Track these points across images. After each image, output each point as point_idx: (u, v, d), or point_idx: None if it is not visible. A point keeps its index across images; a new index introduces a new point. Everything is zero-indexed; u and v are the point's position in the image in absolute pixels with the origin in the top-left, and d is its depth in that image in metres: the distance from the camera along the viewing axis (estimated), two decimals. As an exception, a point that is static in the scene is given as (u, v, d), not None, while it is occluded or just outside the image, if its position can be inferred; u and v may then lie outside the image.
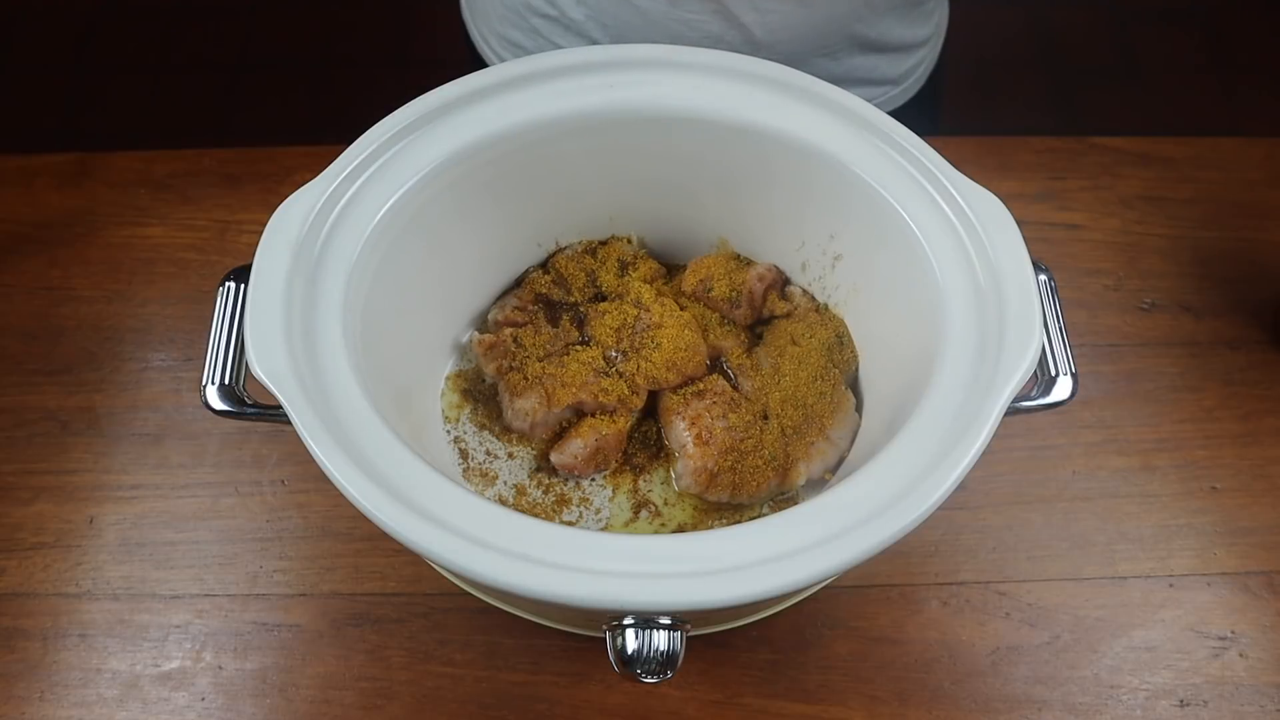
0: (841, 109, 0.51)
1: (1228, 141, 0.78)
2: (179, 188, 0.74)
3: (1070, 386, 0.48)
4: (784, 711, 0.55)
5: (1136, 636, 0.58)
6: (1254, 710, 0.55)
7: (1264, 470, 0.63)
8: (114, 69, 1.74)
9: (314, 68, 1.75)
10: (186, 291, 0.70)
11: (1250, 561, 0.60)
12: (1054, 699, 0.56)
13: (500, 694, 0.56)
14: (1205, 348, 0.68)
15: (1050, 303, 0.50)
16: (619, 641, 0.41)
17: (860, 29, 0.70)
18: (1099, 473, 0.63)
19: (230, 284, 0.49)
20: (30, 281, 0.70)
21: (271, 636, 0.57)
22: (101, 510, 0.61)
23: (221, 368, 0.47)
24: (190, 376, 0.66)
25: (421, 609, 0.58)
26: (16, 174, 0.75)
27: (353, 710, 0.55)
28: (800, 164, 0.53)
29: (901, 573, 0.59)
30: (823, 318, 0.58)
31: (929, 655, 0.57)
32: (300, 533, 0.60)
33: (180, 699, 0.55)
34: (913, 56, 0.76)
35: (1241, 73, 1.74)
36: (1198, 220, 0.74)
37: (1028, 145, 0.77)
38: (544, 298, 0.59)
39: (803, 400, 0.55)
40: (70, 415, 0.64)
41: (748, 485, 0.53)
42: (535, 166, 0.55)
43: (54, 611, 0.58)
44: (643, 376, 0.55)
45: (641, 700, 0.55)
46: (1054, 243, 0.73)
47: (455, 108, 0.50)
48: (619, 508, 0.55)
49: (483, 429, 0.57)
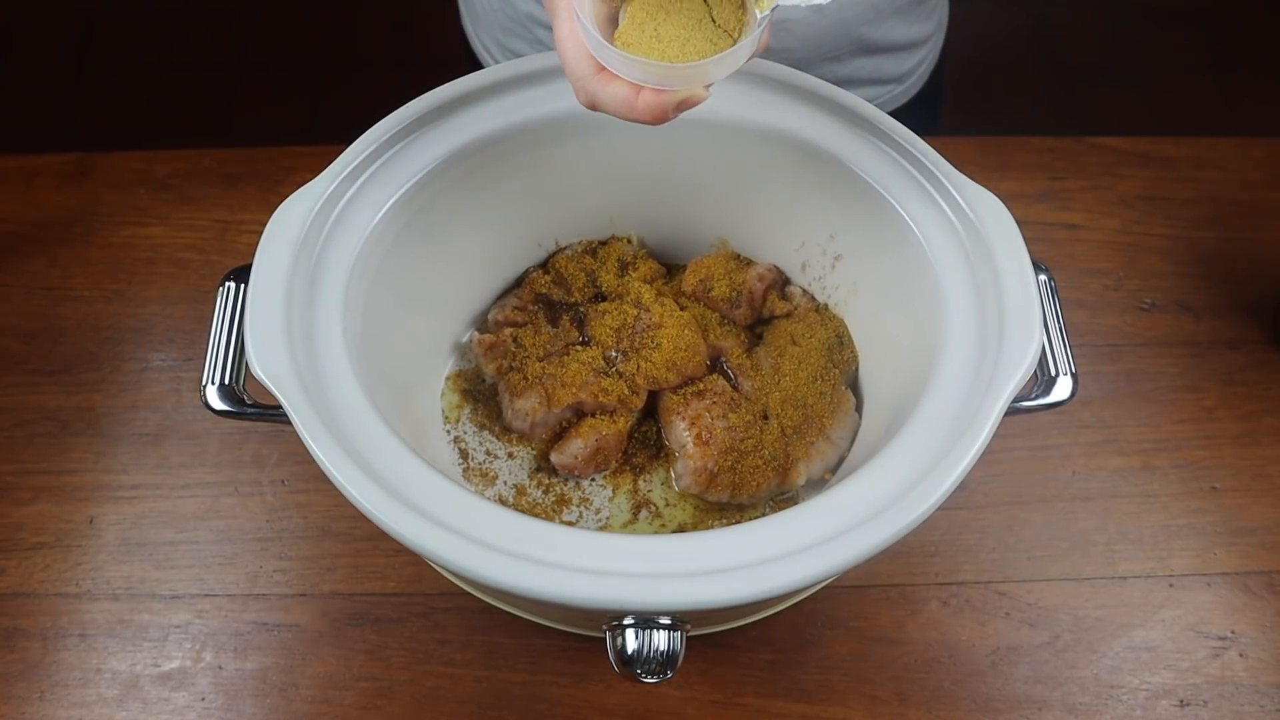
0: (841, 109, 0.51)
1: (1228, 141, 0.78)
2: (179, 188, 0.74)
3: (1070, 386, 0.48)
4: (784, 711, 0.55)
5: (1136, 636, 0.58)
6: (1254, 710, 0.55)
7: (1264, 470, 0.63)
8: (114, 69, 1.74)
9: (314, 68, 1.74)
10: (186, 291, 0.70)
11: (1250, 561, 0.60)
12: (1054, 699, 0.56)
13: (500, 694, 0.56)
14: (1205, 348, 0.68)
15: (1050, 303, 0.50)
16: (619, 641, 0.41)
17: (866, 31, 0.70)
18: (1099, 473, 0.63)
19: (230, 284, 0.49)
20: (30, 281, 0.70)
21: (271, 636, 0.57)
22: (101, 510, 0.61)
23: (221, 368, 0.47)
24: (190, 376, 0.66)
25: (421, 609, 0.58)
26: (16, 174, 0.75)
27: (353, 710, 0.55)
28: (800, 164, 0.53)
29: (901, 573, 0.59)
30: (823, 318, 0.58)
31: (929, 655, 0.57)
32: (300, 533, 0.60)
33: (180, 699, 0.55)
34: (916, 54, 0.76)
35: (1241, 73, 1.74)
36: (1197, 220, 0.74)
37: (1028, 145, 0.77)
38: (544, 298, 0.59)
39: (803, 400, 0.55)
40: (70, 415, 0.64)
41: (748, 485, 0.53)
42: (535, 166, 0.55)
43: (54, 611, 0.58)
44: (643, 376, 0.55)
45: (641, 700, 0.55)
46: (1054, 243, 0.73)
47: (455, 108, 0.50)
48: (619, 508, 0.55)
49: (483, 429, 0.57)
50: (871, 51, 0.72)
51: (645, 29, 0.40)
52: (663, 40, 0.40)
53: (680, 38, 0.41)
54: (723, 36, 0.41)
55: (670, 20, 0.41)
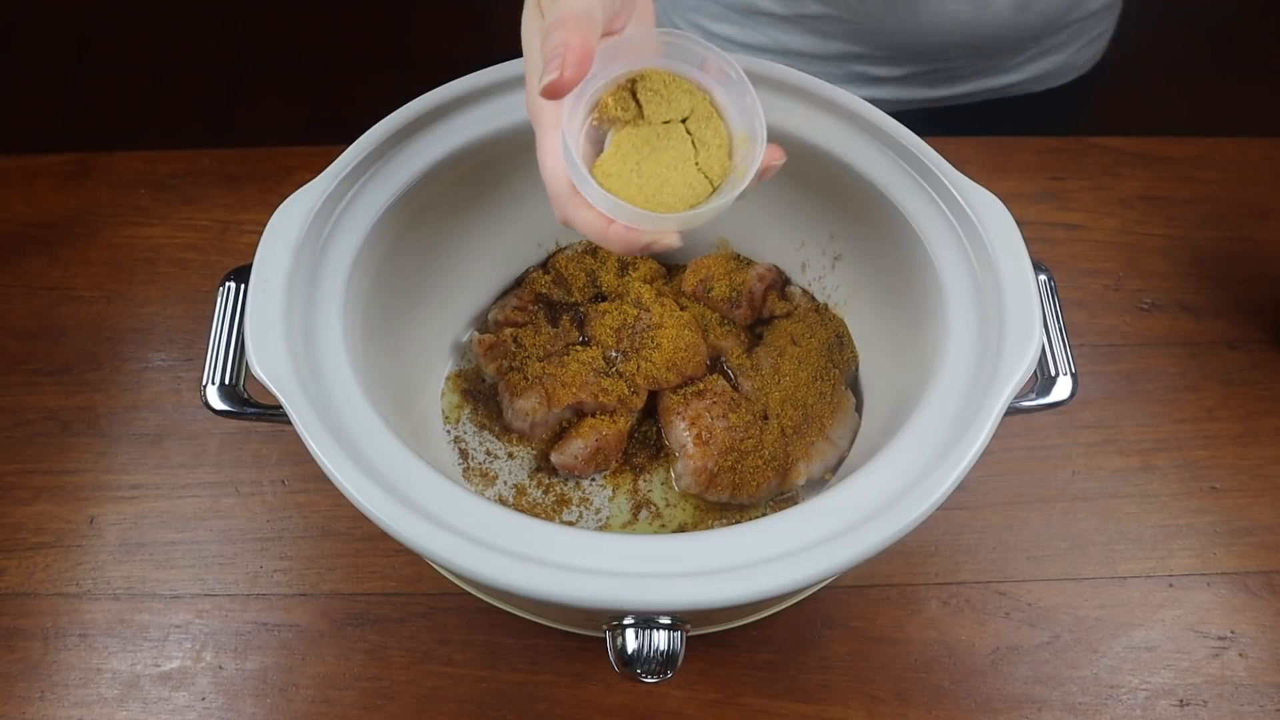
0: (842, 109, 0.51)
1: (1228, 141, 0.78)
2: (179, 188, 0.74)
3: (1070, 386, 0.48)
4: (784, 711, 0.55)
5: (1136, 636, 0.58)
6: (1253, 710, 0.55)
7: (1263, 470, 0.63)
8: (114, 69, 1.74)
9: (314, 68, 1.75)
10: (187, 291, 0.70)
11: (1250, 561, 0.60)
12: (1054, 699, 0.56)
13: (500, 694, 0.56)
14: (1205, 348, 0.68)
15: (1050, 303, 0.50)
16: (619, 641, 0.41)
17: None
18: (1099, 473, 0.63)
19: (230, 284, 0.49)
20: (30, 281, 0.70)
21: (271, 636, 0.57)
22: (102, 510, 0.61)
23: (221, 368, 0.47)
24: (190, 376, 0.66)
25: (421, 609, 0.58)
26: (16, 174, 0.75)
27: (353, 710, 0.55)
28: (800, 164, 0.53)
29: (901, 573, 0.59)
30: (823, 318, 0.58)
31: (929, 655, 0.57)
32: (300, 533, 0.60)
33: (180, 699, 0.55)
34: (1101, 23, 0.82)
35: (1241, 73, 1.74)
36: (1198, 220, 0.74)
37: (1028, 145, 0.77)
38: (544, 298, 0.59)
39: (803, 400, 0.55)
40: (70, 415, 0.64)
41: (748, 485, 0.53)
42: (535, 166, 0.54)
43: (54, 611, 0.58)
44: (643, 376, 0.55)
45: (641, 700, 0.55)
46: (1054, 243, 0.73)
47: (455, 108, 0.50)
48: (619, 508, 0.55)
49: (483, 429, 0.57)
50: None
51: (628, 161, 0.39)
52: (642, 176, 0.39)
53: (660, 176, 0.39)
54: (703, 183, 0.40)
55: (654, 157, 0.39)
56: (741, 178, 0.39)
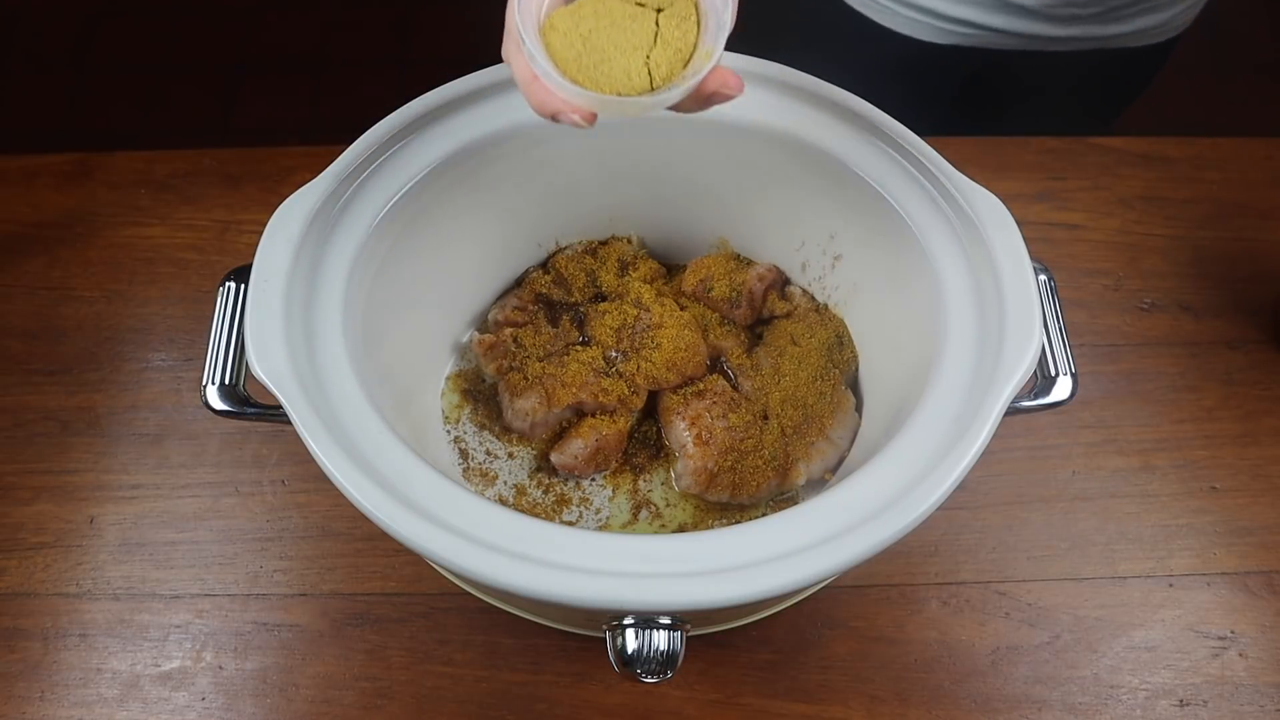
0: (842, 109, 0.51)
1: (1228, 141, 0.78)
2: (179, 188, 0.74)
3: (1070, 386, 0.48)
4: (784, 711, 0.55)
5: (1136, 636, 0.58)
6: (1253, 710, 0.55)
7: (1263, 470, 0.63)
8: (114, 69, 1.74)
9: (314, 68, 1.74)
10: (187, 291, 0.70)
11: (1250, 561, 0.60)
12: (1054, 699, 0.56)
13: (500, 694, 0.56)
14: (1205, 348, 0.68)
15: (1050, 303, 0.50)
16: (619, 641, 0.41)
17: None
18: (1099, 473, 0.63)
19: (230, 284, 0.49)
20: (30, 281, 0.70)
21: (271, 636, 0.57)
22: (102, 510, 0.61)
23: (221, 368, 0.47)
24: (190, 376, 0.66)
25: (421, 609, 0.58)
26: (16, 174, 0.75)
27: (353, 710, 0.55)
28: (800, 164, 0.53)
29: (901, 573, 0.59)
30: (823, 318, 0.58)
31: (929, 655, 0.57)
32: (300, 533, 0.60)
33: (180, 699, 0.55)
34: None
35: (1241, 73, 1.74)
36: (1198, 220, 0.74)
37: (1028, 145, 0.77)
38: (544, 298, 0.59)
39: (803, 400, 0.55)
40: (70, 415, 0.64)
41: (748, 485, 0.53)
42: (535, 166, 0.55)
43: (54, 611, 0.58)
44: (643, 376, 0.55)
45: (641, 700, 0.55)
46: (1054, 243, 0.73)
47: (455, 107, 0.50)
48: (619, 508, 0.55)
49: (483, 429, 0.57)
50: None
51: (581, 25, 0.38)
52: (587, 45, 0.37)
53: (603, 53, 0.37)
54: (643, 78, 0.38)
55: (607, 33, 0.37)
56: (677, 89, 0.37)
